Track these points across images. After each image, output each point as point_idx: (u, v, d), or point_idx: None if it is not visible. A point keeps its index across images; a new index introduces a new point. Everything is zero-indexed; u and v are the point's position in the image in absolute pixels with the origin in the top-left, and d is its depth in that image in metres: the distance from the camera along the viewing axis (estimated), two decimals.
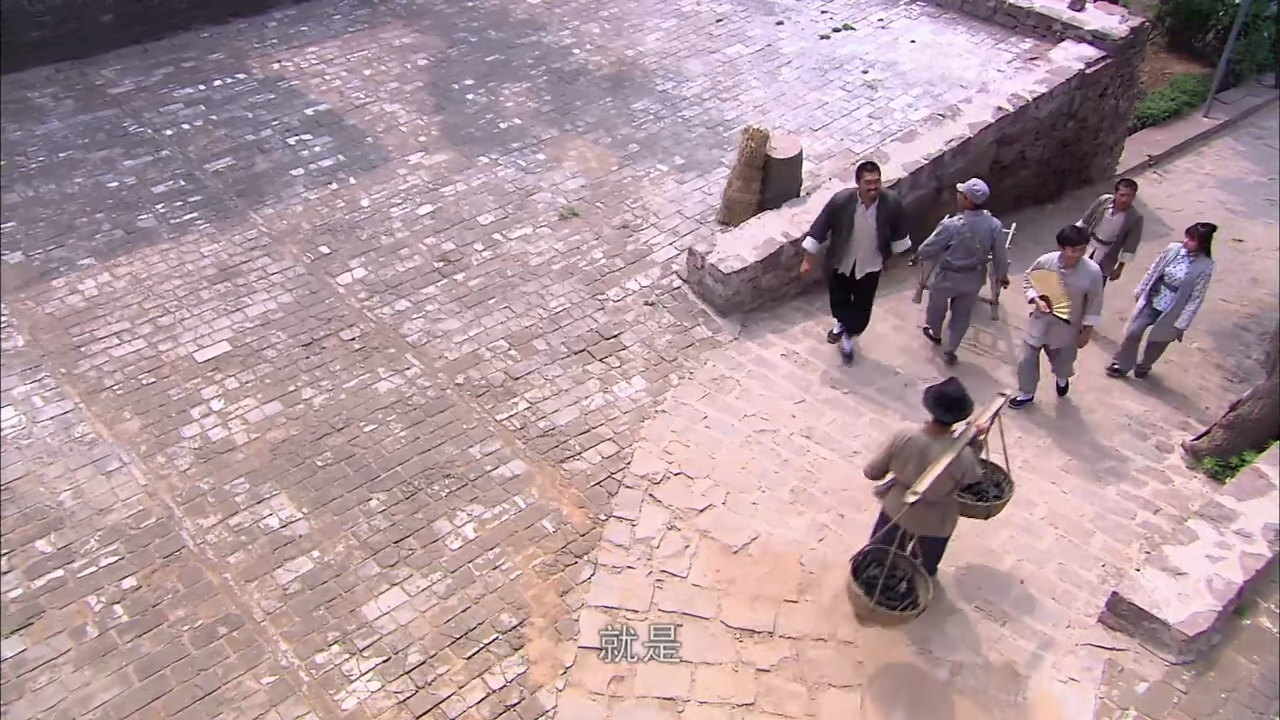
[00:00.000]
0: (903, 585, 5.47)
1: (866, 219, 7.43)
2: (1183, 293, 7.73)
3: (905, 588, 5.46)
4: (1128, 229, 8.51)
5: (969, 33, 11.78)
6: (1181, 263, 7.76)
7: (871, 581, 5.40)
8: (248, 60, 10.92)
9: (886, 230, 7.44)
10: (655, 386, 7.53)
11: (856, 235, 7.46)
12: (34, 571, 5.85)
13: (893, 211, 7.47)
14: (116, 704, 5.26)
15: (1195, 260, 7.70)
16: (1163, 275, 7.89)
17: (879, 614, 5.35)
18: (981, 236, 7.71)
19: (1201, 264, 7.70)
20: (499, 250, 8.65)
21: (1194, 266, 7.70)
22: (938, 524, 5.58)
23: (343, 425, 6.96)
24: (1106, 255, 8.61)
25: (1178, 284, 7.76)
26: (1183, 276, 7.72)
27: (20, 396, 6.92)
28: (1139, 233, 8.56)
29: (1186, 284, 7.70)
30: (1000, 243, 7.84)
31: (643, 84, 11.00)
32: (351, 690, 5.44)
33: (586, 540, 6.35)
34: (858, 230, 7.45)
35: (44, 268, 8.03)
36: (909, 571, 5.51)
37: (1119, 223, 8.51)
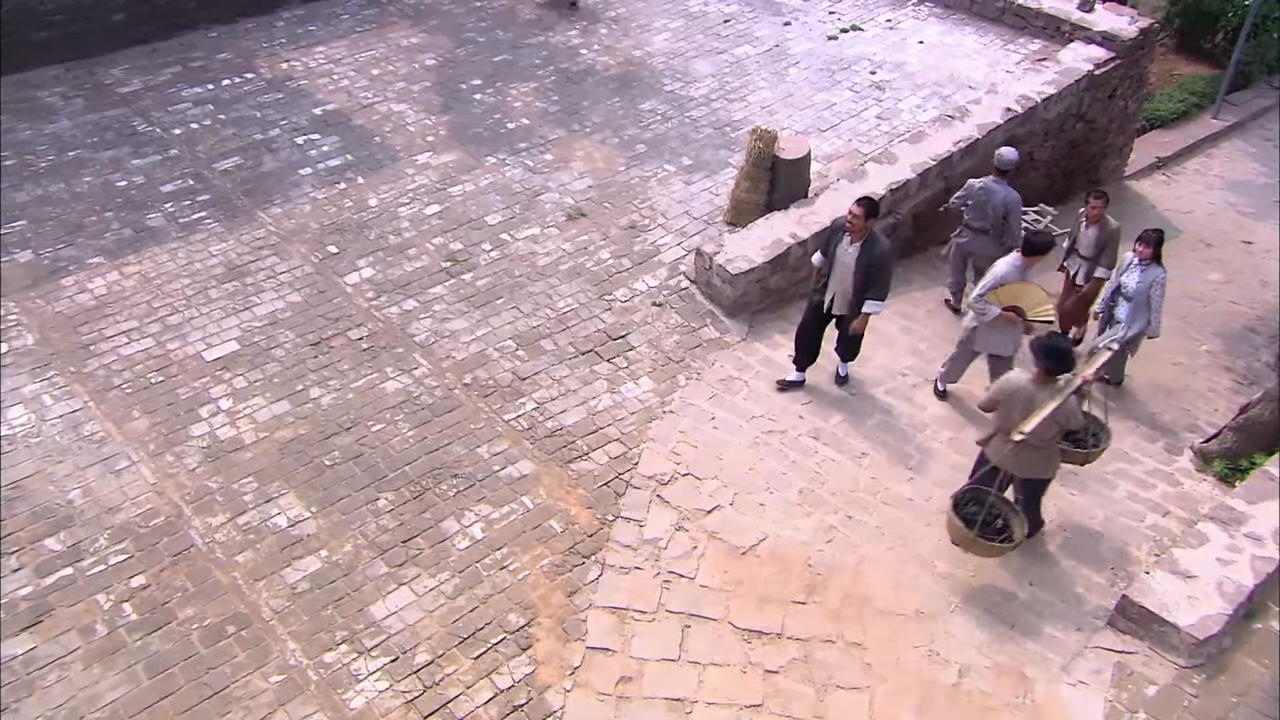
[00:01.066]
0: (999, 523, 6.06)
1: (848, 255, 6.94)
2: (1136, 304, 7.40)
3: (1001, 524, 6.05)
4: (1103, 242, 8.04)
5: (977, 33, 11.75)
6: (1134, 272, 7.42)
7: (970, 517, 5.95)
8: (256, 60, 10.94)
9: (863, 278, 6.88)
10: (663, 387, 7.52)
11: (838, 269, 7.04)
12: (43, 570, 5.86)
13: (874, 260, 6.84)
14: (125, 702, 5.27)
15: (1147, 269, 7.36)
16: (1119, 285, 7.56)
17: (979, 544, 5.94)
18: (995, 203, 8.07)
19: (1152, 273, 7.35)
20: (506, 250, 8.65)
21: (1145, 275, 7.36)
22: (1041, 467, 6.10)
23: (351, 425, 6.96)
24: (1087, 271, 8.21)
25: (1131, 294, 7.44)
26: (1135, 286, 7.39)
27: (30, 395, 6.94)
28: (1115, 246, 8.02)
29: (1139, 294, 7.37)
30: (1013, 214, 8.13)
31: (650, 84, 10.99)
32: (359, 690, 5.44)
33: (594, 541, 6.35)
34: (839, 264, 7.01)
35: (53, 266, 8.04)
36: (1004, 511, 6.10)
37: (1094, 236, 8.09)
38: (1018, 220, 8.22)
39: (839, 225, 7.02)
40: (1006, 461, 5.95)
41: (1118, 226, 8.06)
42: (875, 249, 6.87)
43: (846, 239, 6.94)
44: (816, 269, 7.27)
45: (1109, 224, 8.03)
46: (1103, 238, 8.05)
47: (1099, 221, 8.04)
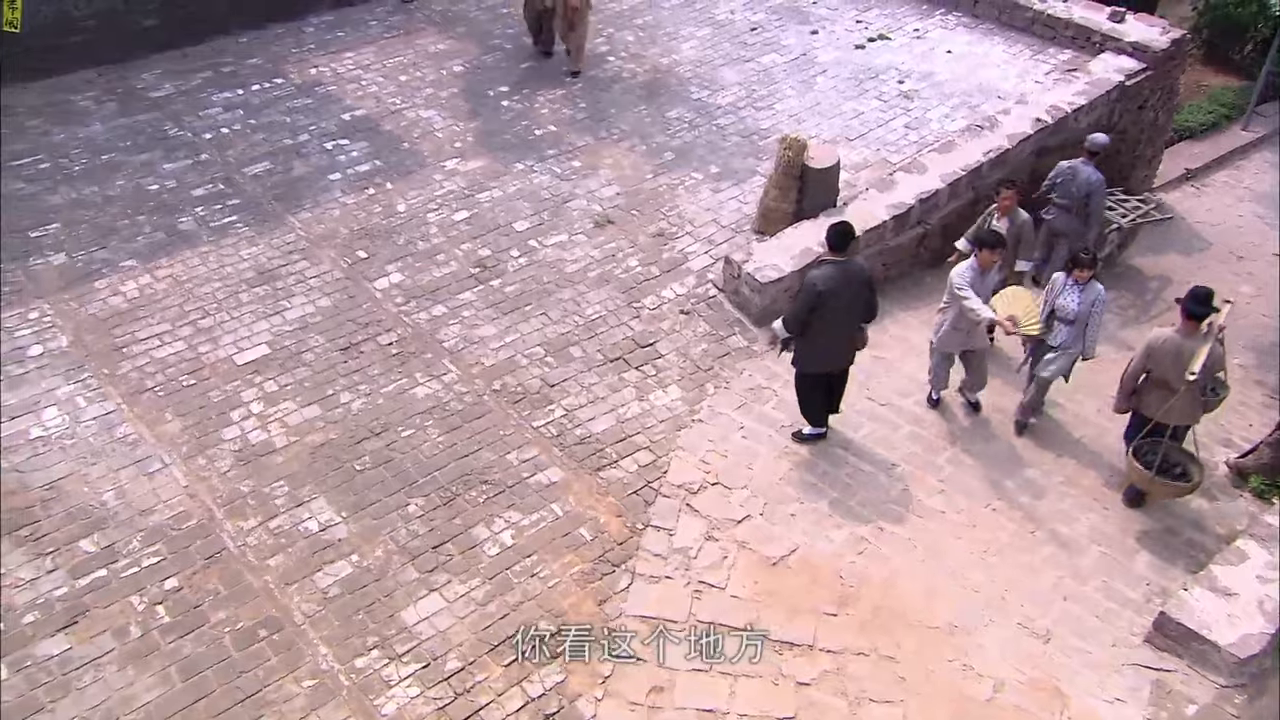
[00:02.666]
0: (1177, 469, 6.67)
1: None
2: (1079, 325, 7.10)
3: (1179, 470, 6.67)
4: (1017, 236, 7.95)
5: (1006, 43, 11.70)
6: (1071, 293, 7.06)
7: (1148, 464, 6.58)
8: (285, 65, 11.01)
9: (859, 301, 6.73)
10: (691, 395, 7.50)
11: None
12: (78, 571, 5.89)
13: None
14: (159, 705, 5.29)
15: (1085, 289, 7.04)
16: (1054, 309, 7.16)
17: (1161, 485, 6.59)
18: (1079, 183, 8.74)
19: (1092, 291, 7.04)
20: (535, 257, 8.66)
21: (1085, 295, 7.04)
22: (1190, 413, 6.66)
23: (381, 430, 6.97)
24: (1000, 267, 7.83)
25: (1072, 316, 7.07)
26: (1075, 308, 7.04)
27: (64, 396, 6.99)
28: (1030, 237, 8.06)
29: (1082, 316, 7.06)
30: (1095, 195, 8.68)
31: (677, 92, 10.99)
32: (391, 696, 5.44)
33: (624, 549, 6.33)
34: None
35: (86, 269, 8.10)
36: (1181, 459, 6.72)
37: (1004, 229, 7.86)
38: (1099, 202, 8.86)
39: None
40: (1166, 413, 6.58)
41: (1028, 218, 8.02)
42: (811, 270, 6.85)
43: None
44: None
45: (1019, 215, 7.96)
46: (1014, 230, 7.92)
47: (1009, 213, 7.91)
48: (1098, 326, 7.16)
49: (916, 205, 8.90)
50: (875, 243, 8.75)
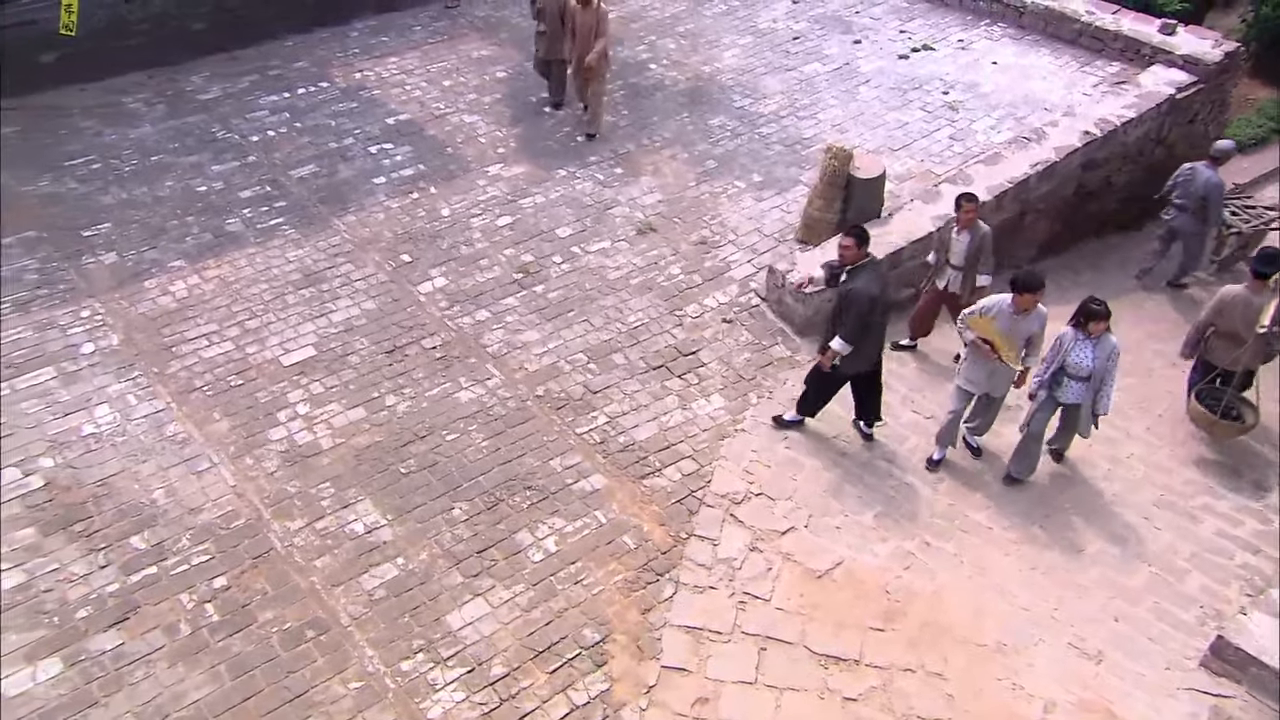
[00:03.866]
0: (1234, 413, 7.42)
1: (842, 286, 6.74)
2: (1095, 379, 6.60)
3: (1235, 414, 7.42)
4: (977, 249, 7.64)
5: (1053, 55, 11.58)
6: (1084, 348, 6.54)
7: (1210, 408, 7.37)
8: (330, 69, 11.12)
9: (840, 310, 6.66)
10: (734, 405, 7.47)
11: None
12: (129, 567, 5.95)
13: (846, 297, 6.58)
14: (209, 702, 5.33)
15: (1100, 342, 6.52)
16: (1064, 366, 6.66)
17: (1221, 425, 7.38)
18: (1197, 184, 9.10)
19: (1108, 344, 6.53)
20: (577, 263, 8.67)
21: (1100, 349, 6.51)
22: (1256, 361, 7.37)
23: (425, 433, 7.00)
24: (961, 280, 7.72)
25: (1085, 373, 6.58)
26: (1091, 364, 6.52)
27: (115, 394, 7.08)
28: (989, 250, 7.69)
29: (1098, 372, 6.56)
30: (1212, 197, 9.05)
31: (720, 100, 10.98)
32: (436, 700, 5.45)
33: (668, 558, 6.31)
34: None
35: (136, 269, 8.22)
36: (1239, 406, 7.45)
37: (965, 243, 7.60)
38: (1217, 205, 9.24)
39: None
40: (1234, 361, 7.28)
41: (988, 231, 7.68)
42: (855, 283, 6.54)
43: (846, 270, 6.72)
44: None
45: (980, 229, 7.63)
46: (975, 243, 7.62)
47: (970, 227, 7.58)
48: (1113, 382, 6.63)
49: None
50: (919, 254, 8.66)
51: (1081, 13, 11.52)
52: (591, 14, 9.49)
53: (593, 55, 9.50)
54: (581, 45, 9.64)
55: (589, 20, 9.51)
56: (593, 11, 9.48)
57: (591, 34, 9.51)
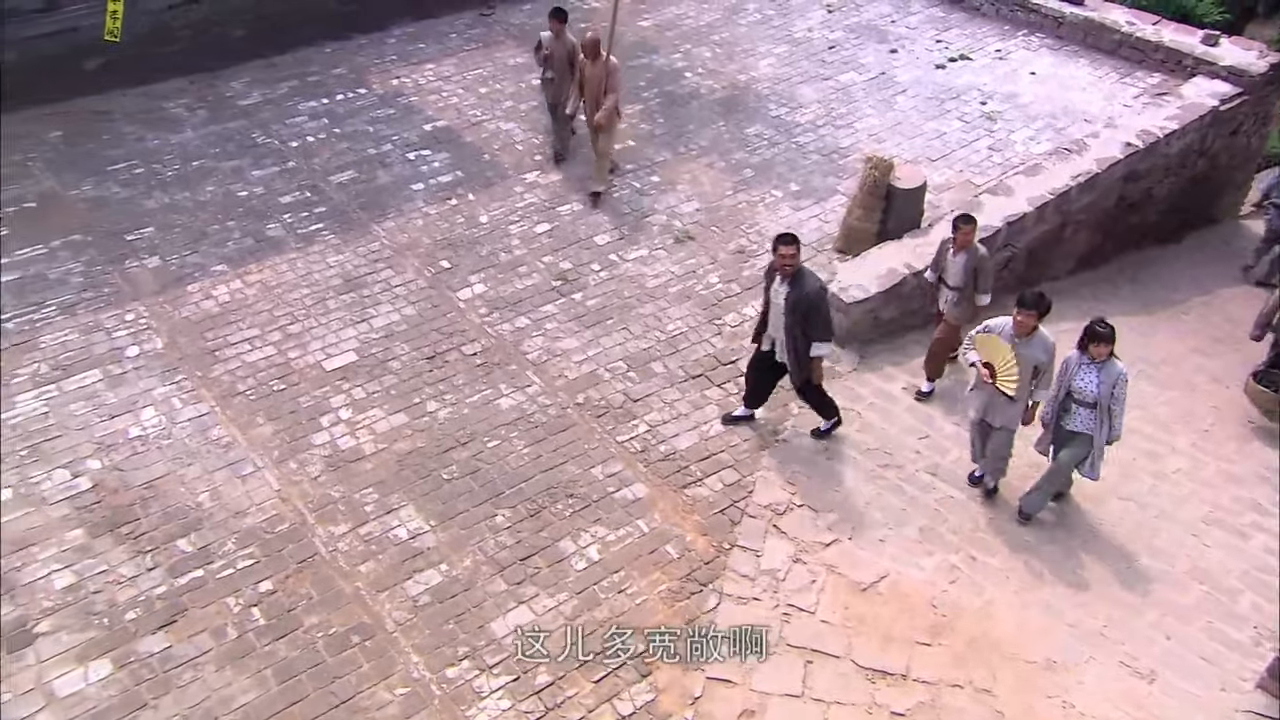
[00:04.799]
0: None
1: (779, 297, 6.47)
2: (1102, 408, 6.28)
3: None
4: (974, 269, 7.44)
5: (1092, 66, 11.50)
6: (1088, 373, 6.25)
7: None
8: (368, 75, 11.19)
9: (795, 320, 6.43)
10: (774, 415, 7.43)
11: (772, 312, 6.63)
12: (176, 570, 5.98)
13: (804, 301, 6.36)
14: (256, 707, 5.33)
15: (1105, 367, 6.21)
16: (1070, 390, 6.37)
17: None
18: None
19: (1113, 369, 6.22)
20: (615, 271, 8.67)
21: (1105, 374, 6.21)
22: None
23: (467, 439, 7.00)
24: (957, 301, 7.52)
25: (1091, 399, 6.27)
26: (1095, 390, 6.23)
27: (160, 397, 7.12)
28: (988, 271, 7.49)
29: (1103, 399, 6.24)
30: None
31: (756, 109, 10.97)
32: (482, 707, 5.43)
33: (711, 569, 6.27)
34: (773, 307, 6.58)
35: (179, 273, 8.28)
36: None
37: (962, 264, 7.42)
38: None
39: (772, 266, 6.55)
40: None
41: (985, 252, 7.49)
42: (807, 285, 6.41)
43: (778, 279, 6.49)
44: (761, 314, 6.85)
45: (978, 250, 7.44)
46: (972, 264, 7.41)
47: (967, 248, 7.40)
48: (1122, 410, 6.31)
49: (1004, 228, 8.75)
50: None
51: (1121, 24, 11.44)
52: (600, 68, 8.88)
53: (602, 114, 8.93)
54: (591, 100, 9.06)
55: (598, 74, 8.90)
56: (602, 65, 8.88)
57: (601, 89, 8.92)
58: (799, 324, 6.49)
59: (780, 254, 6.37)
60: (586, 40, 8.92)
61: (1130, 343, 9.22)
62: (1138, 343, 9.27)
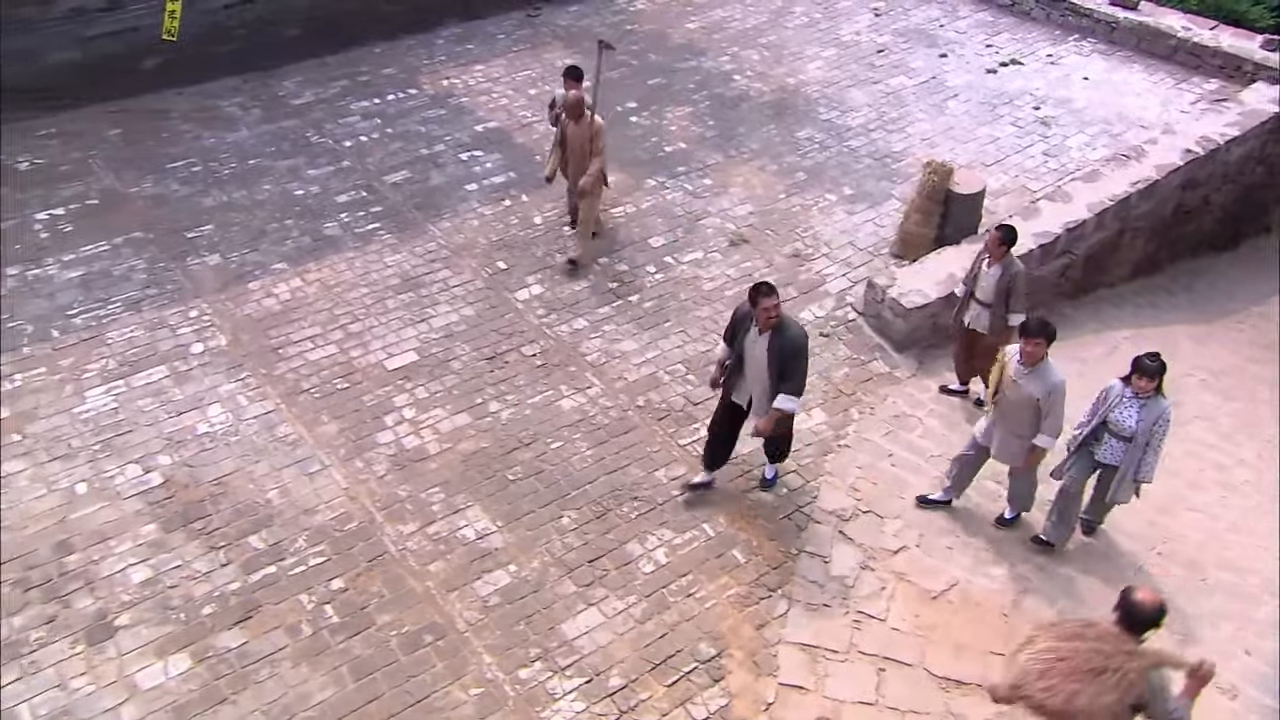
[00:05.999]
0: None
1: (757, 349, 6.02)
2: (1138, 444, 6.02)
3: None
4: (1008, 286, 7.04)
5: (1146, 71, 11.40)
6: (1129, 407, 5.97)
7: None
8: (418, 76, 11.23)
9: (778, 371, 5.97)
10: (835, 420, 7.39)
11: (748, 365, 6.14)
12: (249, 566, 6.01)
13: (786, 350, 5.92)
14: (333, 704, 5.35)
15: (1148, 404, 5.93)
16: (1106, 421, 6.12)
17: None
18: None
19: (1157, 407, 5.94)
20: (671, 273, 8.65)
21: (1148, 411, 5.94)
22: None
23: (530, 440, 7.00)
24: (990, 319, 7.17)
25: (1128, 433, 6.00)
26: (1134, 425, 5.94)
27: (226, 394, 7.16)
28: (1021, 290, 7.08)
29: (1142, 434, 5.97)
30: None
31: (806, 112, 10.93)
32: (556, 709, 5.42)
33: (779, 574, 6.24)
34: (749, 359, 6.11)
35: (240, 271, 8.33)
36: None
37: (995, 278, 7.04)
38: None
39: (742, 312, 6.09)
40: None
41: (1022, 269, 7.11)
42: (787, 337, 5.94)
43: (754, 329, 6.01)
44: (719, 362, 6.38)
45: (1013, 264, 7.03)
46: (1006, 280, 7.03)
47: (1002, 260, 6.99)
48: (1158, 450, 6.02)
49: (1063, 235, 8.68)
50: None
51: (1177, 29, 11.33)
52: (585, 129, 8.12)
53: (586, 179, 8.17)
54: (575, 163, 8.31)
55: (582, 135, 8.14)
56: (586, 126, 8.12)
57: (585, 152, 8.19)
58: (777, 375, 5.99)
59: (764, 307, 5.84)
60: (570, 98, 8.10)
61: (1188, 351, 9.19)
62: (1197, 351, 9.21)
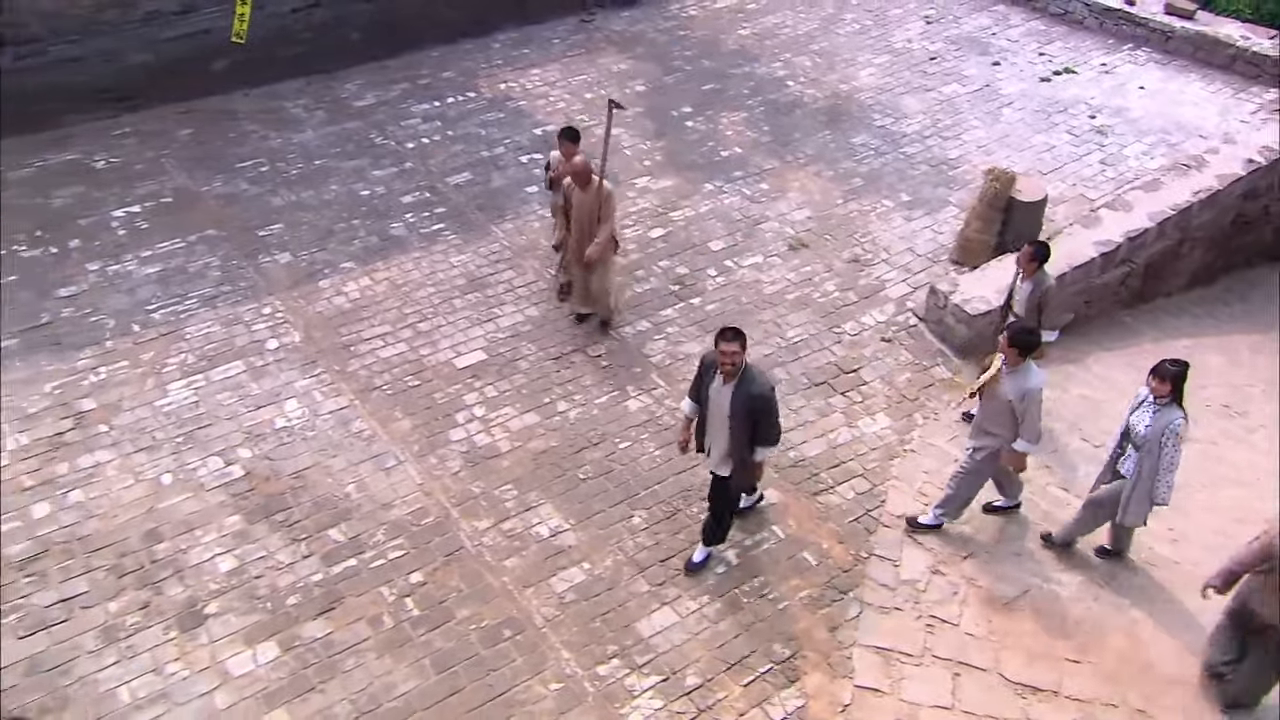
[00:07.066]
0: None
1: (721, 398, 5.60)
2: (1146, 456, 5.74)
3: None
4: (1039, 301, 6.87)
5: (1203, 81, 11.35)
6: (1145, 412, 5.76)
7: None
8: (476, 79, 11.38)
9: (741, 425, 5.56)
10: (900, 425, 7.43)
11: (711, 415, 5.73)
12: (330, 559, 6.13)
13: (757, 402, 5.51)
14: (418, 695, 5.45)
15: (1161, 410, 5.67)
16: (1126, 428, 5.90)
17: None
18: None
19: (1167, 415, 5.65)
20: (731, 277, 8.72)
21: (1158, 419, 5.66)
22: None
23: (599, 440, 7.09)
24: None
25: (1140, 441, 5.77)
26: (1144, 432, 5.72)
27: (301, 390, 7.31)
28: (1052, 303, 6.96)
29: (1150, 444, 5.71)
30: None
31: (860, 119, 10.97)
32: (635, 706, 5.49)
33: (849, 577, 6.29)
34: (713, 408, 5.70)
35: (310, 269, 8.48)
36: None
37: (1027, 293, 6.90)
38: None
39: (709, 360, 5.65)
40: None
41: (1053, 284, 6.98)
42: (754, 388, 5.51)
43: (718, 378, 5.59)
44: (686, 421, 5.97)
45: (1045, 280, 6.90)
46: (1037, 295, 6.89)
47: (1034, 276, 6.87)
48: (1169, 465, 5.72)
49: (1125, 243, 8.67)
50: (1081, 280, 8.54)
51: (1235, 38, 11.27)
52: (592, 197, 7.43)
53: (594, 249, 7.51)
54: (580, 232, 7.59)
55: (589, 203, 7.46)
56: (594, 194, 7.43)
57: (593, 220, 7.51)
58: (746, 428, 5.60)
59: (723, 351, 5.40)
60: (577, 165, 7.38)
61: (1247, 362, 9.14)
62: (1257, 363, 9.15)
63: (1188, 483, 7.20)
